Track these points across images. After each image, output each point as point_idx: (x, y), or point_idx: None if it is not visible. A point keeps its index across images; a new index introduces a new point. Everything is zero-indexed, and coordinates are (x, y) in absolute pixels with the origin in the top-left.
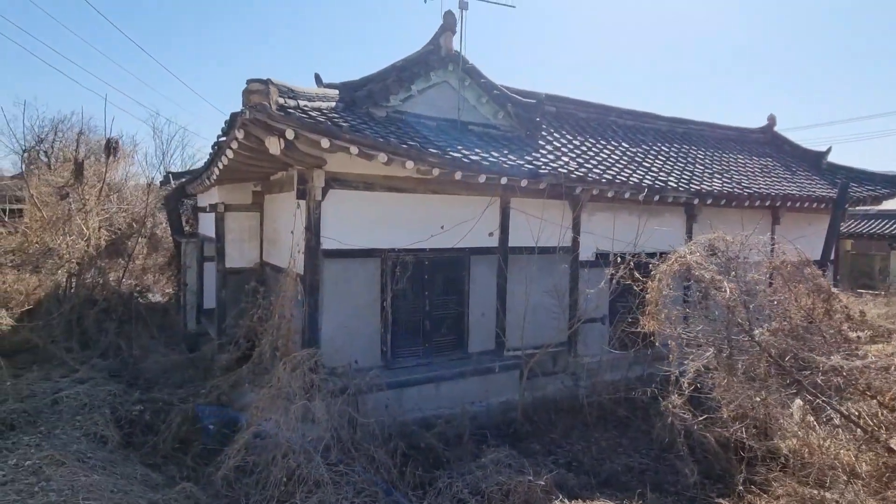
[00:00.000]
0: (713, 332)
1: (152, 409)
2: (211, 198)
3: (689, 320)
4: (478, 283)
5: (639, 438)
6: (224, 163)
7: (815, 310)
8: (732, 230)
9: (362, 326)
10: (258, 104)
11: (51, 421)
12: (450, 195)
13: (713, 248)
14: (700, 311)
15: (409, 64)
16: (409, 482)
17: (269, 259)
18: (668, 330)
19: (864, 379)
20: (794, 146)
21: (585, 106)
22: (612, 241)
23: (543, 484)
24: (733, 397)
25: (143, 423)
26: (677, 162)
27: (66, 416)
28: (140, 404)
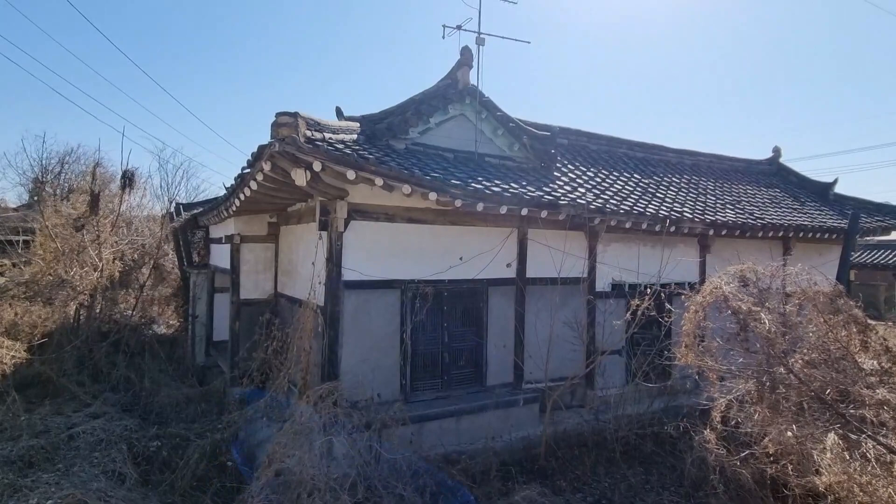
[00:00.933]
0: (755, 364)
1: (169, 444)
2: (226, 229)
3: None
4: (495, 314)
5: (666, 475)
6: (246, 194)
7: (851, 342)
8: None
9: (382, 359)
10: (288, 137)
11: (68, 457)
12: (468, 226)
13: (744, 279)
14: (739, 343)
15: (427, 97)
16: None
17: (283, 290)
18: (701, 362)
19: None
20: (801, 177)
21: (596, 138)
22: (627, 271)
23: None
24: (770, 432)
25: (161, 459)
26: (689, 193)
27: (83, 452)
28: (157, 440)
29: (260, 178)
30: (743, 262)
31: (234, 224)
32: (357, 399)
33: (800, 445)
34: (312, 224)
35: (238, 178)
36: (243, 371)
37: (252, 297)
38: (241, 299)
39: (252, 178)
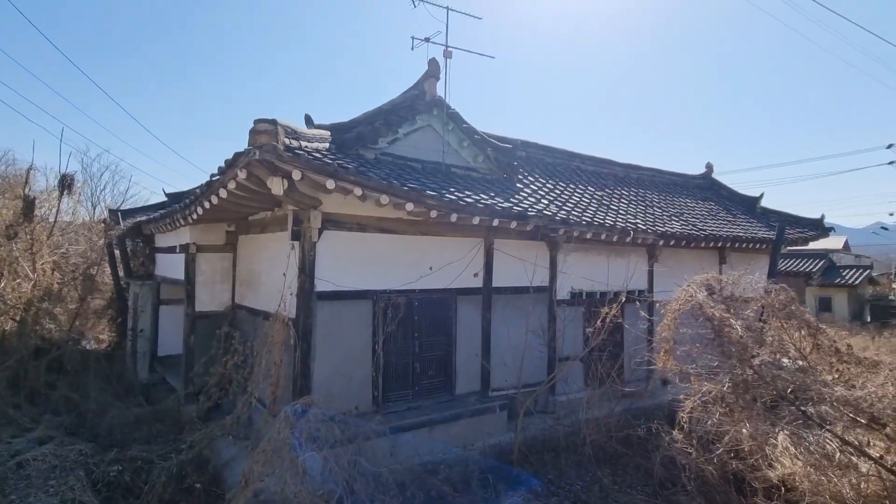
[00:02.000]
0: (726, 367)
1: (131, 468)
2: (179, 238)
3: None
4: (464, 323)
5: (631, 475)
6: (213, 202)
7: (804, 344)
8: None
9: (355, 371)
10: (268, 144)
11: (20, 488)
12: (438, 237)
13: (710, 287)
14: (714, 347)
15: (396, 108)
16: None
17: (243, 302)
18: (676, 366)
19: (869, 408)
20: (731, 191)
21: (552, 151)
22: (585, 280)
23: None
24: (731, 430)
25: (123, 484)
26: (638, 205)
27: (36, 480)
28: (117, 464)
29: (232, 187)
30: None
31: (189, 233)
32: (332, 413)
33: (755, 442)
34: (280, 233)
35: (204, 186)
36: (199, 387)
37: (208, 310)
38: (196, 311)
39: (222, 185)
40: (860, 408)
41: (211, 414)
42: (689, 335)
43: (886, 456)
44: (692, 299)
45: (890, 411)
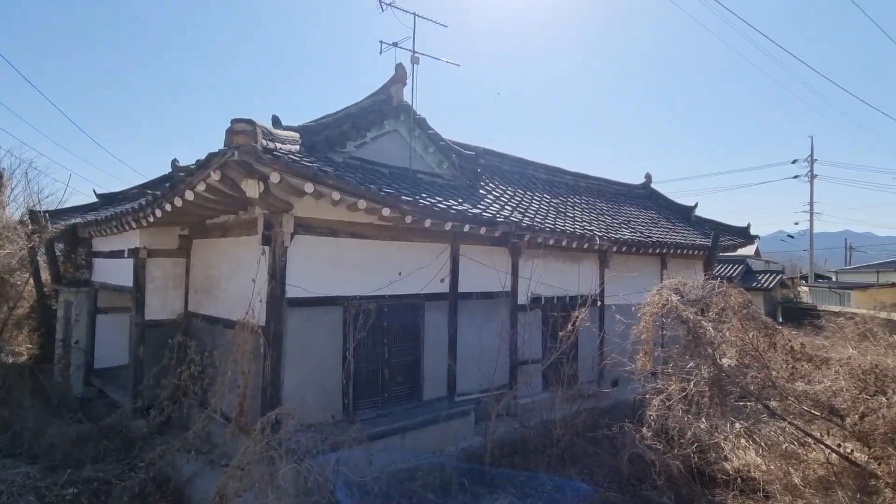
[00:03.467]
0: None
1: (87, 490)
2: (125, 242)
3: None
4: (431, 329)
5: (597, 473)
6: (177, 204)
7: (760, 343)
8: (635, 273)
9: (325, 379)
10: (246, 145)
11: None
12: (407, 242)
13: (678, 291)
14: (693, 348)
15: (364, 111)
16: None
17: (199, 310)
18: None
19: (828, 401)
20: (669, 200)
21: (507, 159)
22: (544, 285)
23: None
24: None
25: None
26: (590, 213)
27: None
28: (72, 486)
29: (201, 189)
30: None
31: (139, 236)
32: (306, 422)
33: (715, 437)
34: (247, 237)
35: (168, 187)
36: (150, 401)
37: (159, 318)
38: (146, 320)
39: (189, 187)
40: (819, 401)
41: (164, 429)
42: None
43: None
44: (668, 303)
45: (848, 404)
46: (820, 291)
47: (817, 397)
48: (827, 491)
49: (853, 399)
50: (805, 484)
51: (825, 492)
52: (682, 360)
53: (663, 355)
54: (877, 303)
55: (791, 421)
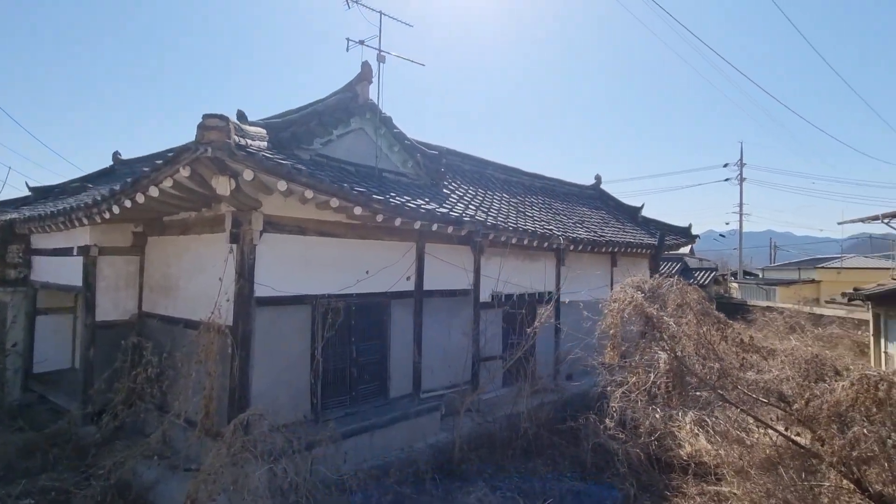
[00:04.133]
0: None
1: (45, 501)
2: (73, 239)
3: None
4: (398, 327)
5: (561, 463)
6: (139, 200)
7: (713, 337)
8: (588, 272)
9: (294, 379)
10: (219, 142)
11: None
12: (374, 241)
13: (640, 288)
14: (657, 341)
15: (330, 109)
16: None
17: (155, 310)
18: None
19: (777, 388)
20: (617, 201)
21: (468, 159)
22: (504, 283)
23: None
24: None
25: None
26: (547, 212)
27: None
28: (28, 497)
29: (167, 185)
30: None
31: (89, 233)
32: (275, 423)
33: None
34: (211, 235)
35: (129, 183)
36: (101, 406)
37: (111, 319)
38: (97, 321)
39: (154, 183)
40: (769, 389)
41: (117, 434)
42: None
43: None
44: (633, 300)
45: (795, 391)
46: (749, 287)
47: (767, 386)
48: (773, 471)
49: (799, 386)
50: (753, 465)
51: (772, 472)
52: (645, 353)
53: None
54: (800, 297)
55: (743, 409)
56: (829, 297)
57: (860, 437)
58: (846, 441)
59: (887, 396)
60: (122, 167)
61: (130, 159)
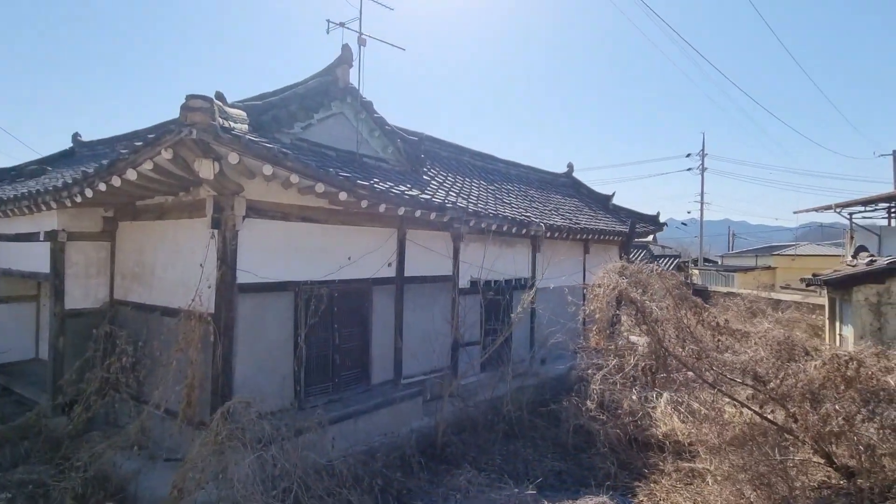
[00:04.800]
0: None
1: (24, 494)
2: (37, 224)
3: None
4: (379, 313)
5: (541, 445)
6: (115, 184)
7: (690, 320)
8: (562, 258)
9: (277, 366)
10: (204, 124)
11: None
12: (356, 227)
13: (622, 274)
14: (640, 325)
15: (311, 92)
16: None
17: (129, 298)
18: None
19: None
20: (589, 189)
21: (445, 145)
22: (482, 269)
23: (534, 493)
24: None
25: None
26: (523, 200)
27: None
28: (3, 491)
29: (147, 168)
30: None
31: (57, 217)
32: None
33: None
34: (190, 220)
35: (105, 165)
36: (73, 397)
37: (81, 307)
38: (66, 310)
39: (133, 165)
40: (746, 369)
41: (90, 426)
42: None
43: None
44: (618, 285)
45: (770, 371)
46: (709, 274)
47: (744, 366)
48: (745, 448)
49: (774, 366)
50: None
51: (744, 449)
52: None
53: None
54: (758, 283)
55: (721, 389)
56: (784, 282)
57: (831, 414)
58: (819, 417)
59: (856, 375)
60: (82, 149)
61: (92, 141)
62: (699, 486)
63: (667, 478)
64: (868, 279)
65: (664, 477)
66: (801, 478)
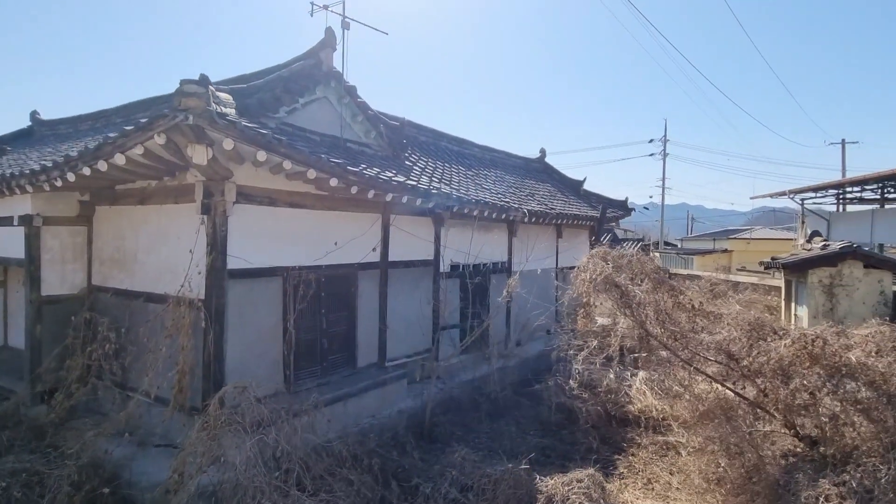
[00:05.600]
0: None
1: (18, 483)
2: (9, 208)
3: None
4: (364, 297)
5: (523, 422)
6: (101, 168)
7: (666, 302)
8: (536, 242)
9: (267, 351)
10: (200, 109)
11: None
12: (342, 212)
13: (605, 258)
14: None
15: (295, 76)
16: (395, 494)
17: (108, 283)
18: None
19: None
20: (561, 175)
21: (424, 130)
22: (461, 253)
23: (527, 467)
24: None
25: (13, 501)
26: (500, 185)
27: None
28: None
29: (137, 152)
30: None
31: (31, 202)
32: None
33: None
34: (171, 206)
35: (91, 149)
36: (52, 385)
37: (58, 294)
38: (42, 296)
39: (121, 150)
40: (720, 348)
41: (72, 414)
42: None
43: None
44: (603, 271)
45: (743, 349)
46: (669, 257)
47: (719, 345)
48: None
49: (746, 345)
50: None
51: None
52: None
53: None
54: (716, 266)
55: (696, 367)
56: (739, 265)
57: (799, 388)
58: (788, 391)
59: (822, 352)
60: (42, 128)
61: (52, 120)
62: (673, 458)
63: (643, 451)
64: (822, 263)
65: (641, 450)
66: (769, 447)
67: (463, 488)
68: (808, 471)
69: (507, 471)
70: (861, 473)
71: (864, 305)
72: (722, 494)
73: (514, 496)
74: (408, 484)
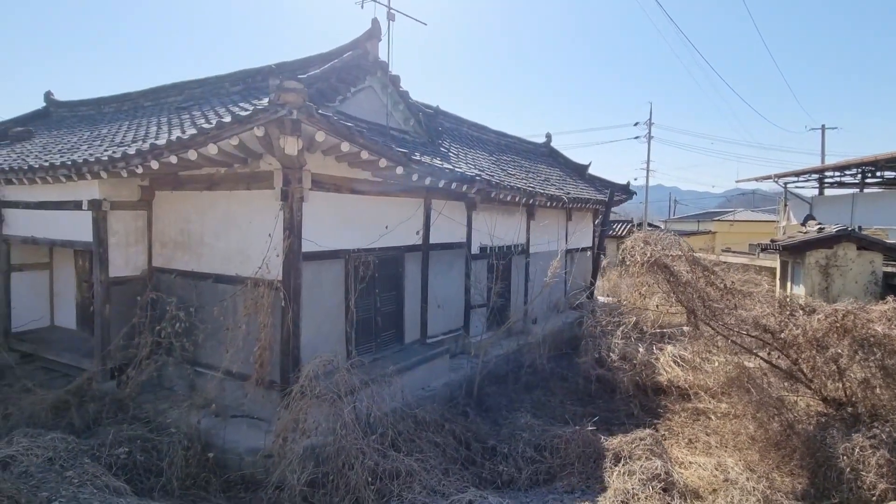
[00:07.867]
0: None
1: (139, 448)
2: (72, 192)
3: None
4: (409, 278)
5: (559, 394)
6: (190, 157)
7: (700, 281)
8: (549, 225)
9: (333, 328)
10: (299, 104)
11: (49, 485)
12: (392, 197)
13: (647, 242)
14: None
15: (346, 66)
16: (478, 453)
17: (171, 265)
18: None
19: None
20: (566, 159)
21: (448, 117)
22: (489, 236)
23: (594, 428)
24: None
25: (138, 465)
26: (519, 169)
27: (50, 476)
28: (119, 446)
29: (234, 143)
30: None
31: (98, 187)
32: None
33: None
34: (243, 192)
35: (183, 138)
36: (120, 362)
37: (123, 275)
38: (110, 278)
39: (215, 140)
40: (757, 323)
41: (142, 389)
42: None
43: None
44: (652, 254)
45: (778, 324)
46: None
47: (756, 320)
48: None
49: (779, 321)
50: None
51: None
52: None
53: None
54: (703, 246)
55: (734, 339)
56: (723, 246)
57: (834, 357)
58: (823, 360)
59: (853, 325)
60: (59, 109)
61: (71, 101)
62: (706, 422)
63: (677, 416)
64: (819, 245)
65: (675, 415)
66: (800, 408)
67: (536, 447)
68: (839, 428)
69: (575, 432)
70: (890, 428)
71: (857, 284)
72: (759, 450)
73: (583, 454)
74: (485, 445)
